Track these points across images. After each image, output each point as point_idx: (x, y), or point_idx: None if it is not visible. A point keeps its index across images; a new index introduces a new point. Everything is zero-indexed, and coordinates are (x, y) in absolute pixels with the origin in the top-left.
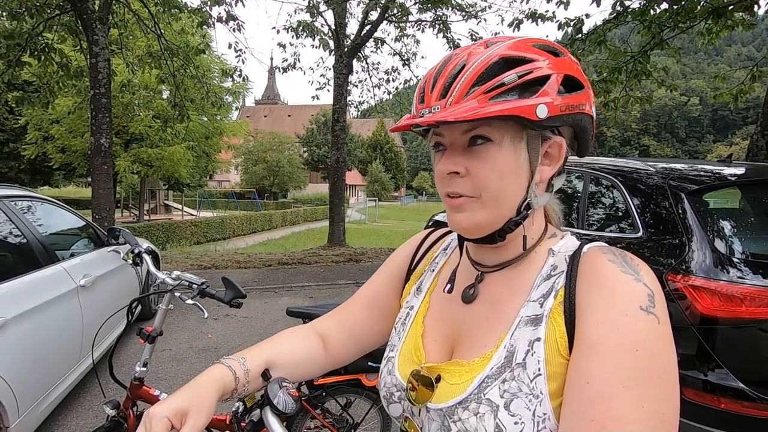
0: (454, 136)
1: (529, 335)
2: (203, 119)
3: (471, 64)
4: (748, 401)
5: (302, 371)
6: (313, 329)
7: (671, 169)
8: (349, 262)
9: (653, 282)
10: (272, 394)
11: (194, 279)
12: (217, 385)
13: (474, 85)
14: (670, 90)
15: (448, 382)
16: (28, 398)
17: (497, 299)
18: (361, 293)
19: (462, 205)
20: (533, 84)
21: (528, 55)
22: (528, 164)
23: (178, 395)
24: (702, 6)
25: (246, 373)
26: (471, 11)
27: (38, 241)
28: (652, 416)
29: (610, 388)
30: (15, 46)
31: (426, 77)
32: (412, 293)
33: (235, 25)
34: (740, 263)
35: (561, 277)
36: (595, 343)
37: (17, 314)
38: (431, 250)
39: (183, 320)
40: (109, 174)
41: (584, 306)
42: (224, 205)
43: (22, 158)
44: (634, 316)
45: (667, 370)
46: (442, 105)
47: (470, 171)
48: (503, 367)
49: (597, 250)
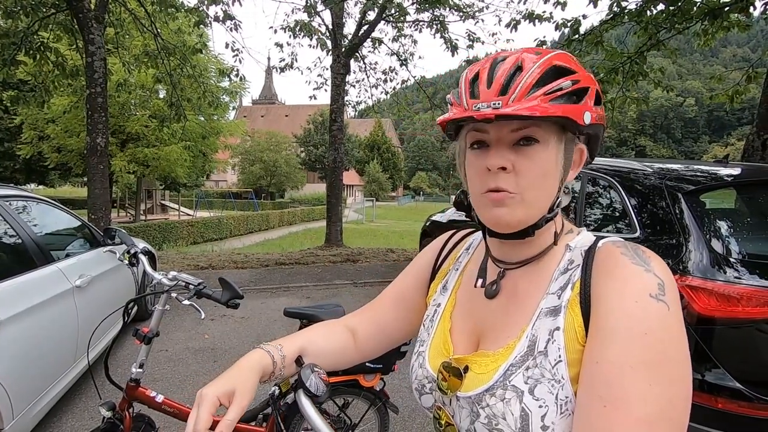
0: (502, 134)
1: (549, 325)
2: (200, 119)
3: (530, 68)
4: (745, 401)
5: (333, 361)
6: (344, 324)
7: (668, 169)
8: (346, 262)
9: (664, 272)
10: (305, 378)
11: (191, 279)
12: (258, 367)
13: (535, 87)
14: (667, 91)
15: (475, 371)
16: (23, 400)
17: (518, 293)
18: (389, 291)
19: (503, 199)
20: (580, 93)
21: (574, 68)
22: (562, 166)
23: (225, 377)
24: (698, 7)
25: (282, 359)
26: (468, 12)
27: (33, 242)
28: (661, 398)
29: (619, 368)
30: (10, 45)
31: (473, 74)
32: (438, 291)
33: (232, 25)
34: (737, 263)
35: (577, 270)
36: (607, 328)
37: (12, 315)
38: (454, 251)
39: (179, 321)
40: (105, 174)
41: (598, 296)
42: (221, 205)
43: (18, 158)
44: (645, 302)
45: (678, 355)
46: (503, 101)
47: (516, 168)
48: (526, 356)
49: (611, 245)
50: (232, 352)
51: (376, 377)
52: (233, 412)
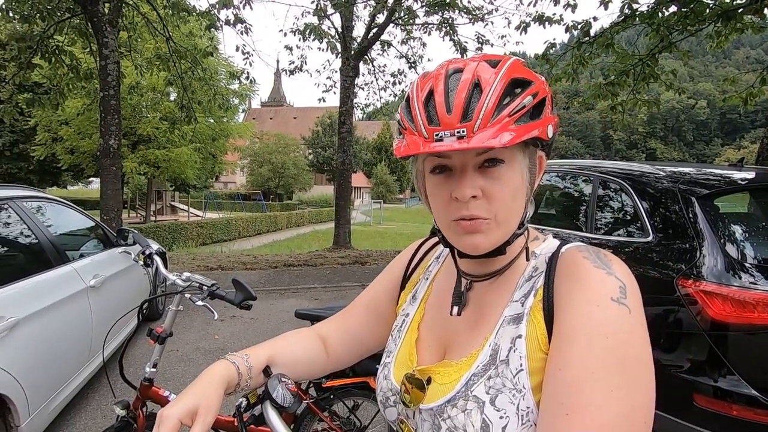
0: (466, 158)
1: (512, 333)
2: (210, 121)
3: (489, 86)
4: (762, 408)
5: (302, 370)
6: (315, 331)
7: (681, 172)
8: (354, 264)
9: (626, 276)
10: (272, 389)
11: (204, 280)
12: (222, 380)
13: (497, 109)
14: (678, 93)
15: (438, 382)
16: (38, 397)
17: (485, 303)
18: (361, 299)
19: (479, 227)
20: (540, 105)
21: (530, 77)
22: (528, 180)
23: (187, 394)
24: (711, 9)
25: (249, 369)
26: (478, 14)
27: (49, 242)
28: (623, 403)
29: (581, 374)
30: (26, 49)
31: (425, 92)
32: (408, 301)
33: (242, 28)
34: (752, 268)
35: (541, 276)
36: (568, 333)
37: (29, 314)
38: (425, 260)
39: (190, 321)
40: (117, 175)
41: (560, 301)
42: (230, 207)
43: (32, 159)
44: (605, 306)
45: (640, 359)
46: (468, 128)
47: (486, 192)
48: (488, 365)
49: (573, 250)
50: None
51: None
52: (197, 430)
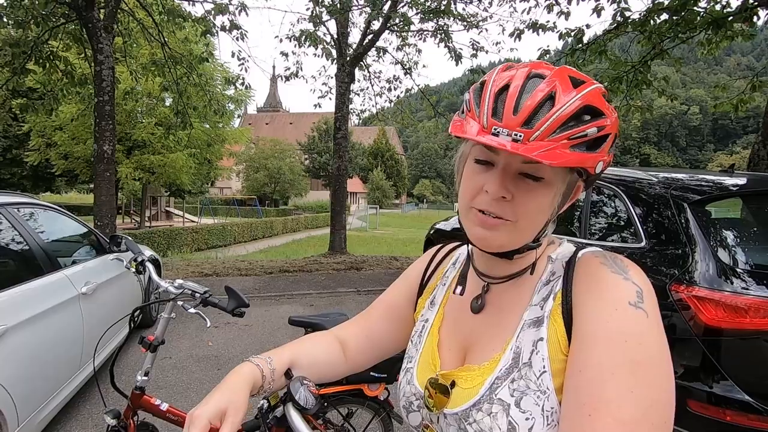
0: (512, 161)
1: (533, 336)
2: (205, 126)
3: (562, 105)
4: (754, 414)
5: (322, 373)
6: (335, 335)
7: (673, 178)
8: (350, 270)
9: (642, 281)
10: (294, 391)
11: (197, 288)
12: (248, 382)
13: (561, 128)
14: (671, 99)
15: (461, 387)
16: (28, 406)
17: (503, 306)
18: (379, 303)
19: (495, 225)
20: (600, 140)
21: (604, 110)
22: (558, 202)
23: (215, 395)
24: (702, 17)
25: (272, 372)
26: (472, 21)
27: (40, 248)
28: (642, 402)
29: (600, 374)
30: (20, 54)
31: (502, 84)
32: (426, 307)
33: (238, 34)
34: (744, 274)
35: (559, 281)
36: (588, 336)
37: (18, 322)
38: (441, 265)
39: (183, 328)
40: (111, 181)
41: (579, 305)
42: (225, 212)
43: (25, 164)
44: (623, 310)
45: (658, 360)
46: (526, 135)
47: (516, 198)
48: (511, 368)
49: (590, 255)
50: (236, 359)
51: (380, 387)
52: (226, 430)
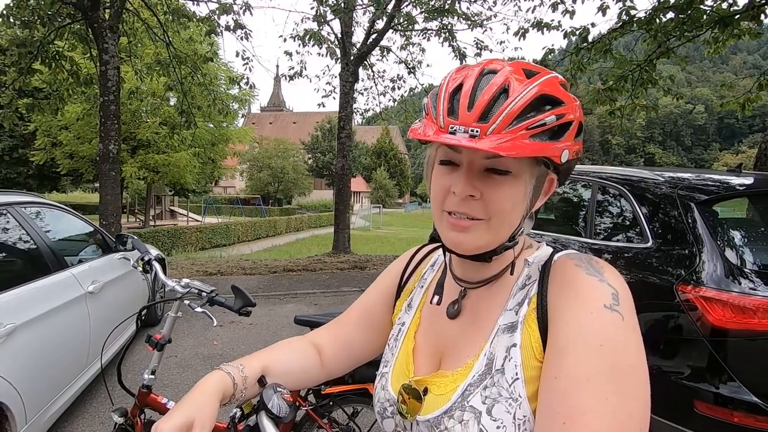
0: (474, 158)
1: (506, 342)
2: (209, 126)
3: (516, 95)
4: (763, 415)
5: (297, 379)
6: (309, 340)
7: (680, 178)
8: (354, 269)
9: (618, 283)
10: (267, 399)
11: (203, 287)
12: (217, 390)
13: (517, 119)
14: (676, 98)
15: (434, 393)
16: (35, 404)
17: (479, 312)
18: (355, 308)
19: (467, 226)
20: (563, 128)
21: (561, 98)
22: (530, 197)
23: (181, 407)
24: (708, 15)
25: (244, 379)
26: (477, 20)
27: (48, 247)
28: (618, 410)
29: (575, 382)
30: (26, 54)
31: (456, 84)
32: (404, 310)
33: (242, 34)
34: (752, 274)
35: (534, 285)
36: (563, 342)
37: (27, 320)
38: (419, 267)
39: (188, 327)
40: (116, 180)
41: (554, 309)
42: (229, 212)
43: (31, 164)
44: (599, 313)
45: (634, 366)
46: (482, 129)
47: (485, 196)
48: (484, 374)
49: (565, 258)
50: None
51: None
52: None
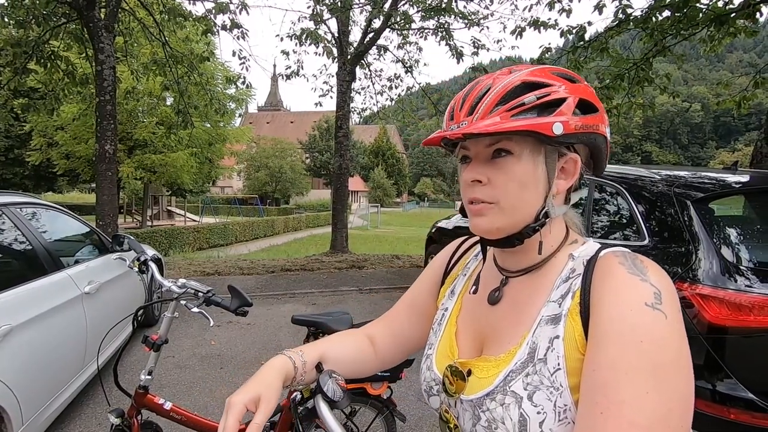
0: (478, 149)
1: (550, 333)
2: (206, 126)
3: (495, 87)
4: (759, 412)
5: (353, 368)
6: (363, 332)
7: (676, 176)
8: (351, 268)
9: (661, 282)
10: (323, 383)
11: (200, 287)
12: (281, 372)
13: (497, 105)
14: (673, 96)
15: (477, 376)
16: (31, 406)
17: (520, 300)
18: (403, 299)
19: (481, 210)
20: (551, 105)
21: (546, 81)
22: (546, 177)
23: (251, 384)
24: (704, 14)
25: (303, 364)
26: (473, 19)
27: (43, 248)
28: (658, 406)
29: (614, 375)
30: (21, 54)
31: (456, 98)
32: (447, 296)
33: (239, 33)
34: (748, 271)
35: (578, 279)
36: (603, 336)
37: (22, 321)
38: (464, 257)
39: (186, 327)
40: (113, 180)
41: (596, 305)
42: (227, 211)
43: (27, 164)
44: (639, 311)
45: (676, 364)
46: (469, 121)
47: (491, 180)
48: (526, 362)
49: (611, 254)
50: (239, 358)
51: (384, 385)
52: (260, 416)
